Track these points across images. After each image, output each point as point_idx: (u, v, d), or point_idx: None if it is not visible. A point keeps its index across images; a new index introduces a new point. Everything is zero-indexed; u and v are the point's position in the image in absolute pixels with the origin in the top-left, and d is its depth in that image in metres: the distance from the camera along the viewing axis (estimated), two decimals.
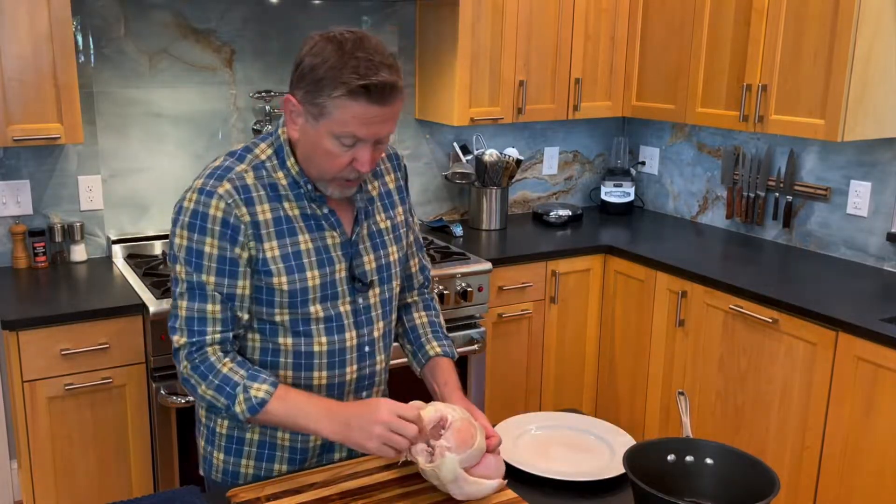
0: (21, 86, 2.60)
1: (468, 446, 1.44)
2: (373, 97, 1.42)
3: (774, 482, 1.35)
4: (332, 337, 1.60)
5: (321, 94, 1.42)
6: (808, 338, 2.64)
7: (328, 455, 1.68)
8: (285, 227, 1.54)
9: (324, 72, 1.42)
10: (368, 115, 1.43)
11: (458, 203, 3.82)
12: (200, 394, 1.52)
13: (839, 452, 2.58)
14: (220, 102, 3.19)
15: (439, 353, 1.76)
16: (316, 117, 1.45)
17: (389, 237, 1.68)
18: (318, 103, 1.43)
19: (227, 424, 1.64)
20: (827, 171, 3.22)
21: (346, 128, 1.44)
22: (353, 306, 1.62)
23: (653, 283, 3.21)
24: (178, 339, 1.53)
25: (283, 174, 1.55)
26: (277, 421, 1.51)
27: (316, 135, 1.47)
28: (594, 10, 3.53)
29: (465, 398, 1.65)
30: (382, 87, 1.42)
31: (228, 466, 1.65)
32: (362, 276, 1.62)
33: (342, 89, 1.41)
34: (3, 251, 2.97)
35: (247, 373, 1.51)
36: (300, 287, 1.54)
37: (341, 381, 1.63)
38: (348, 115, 1.42)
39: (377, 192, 1.68)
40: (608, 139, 4.11)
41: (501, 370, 3.30)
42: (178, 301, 1.53)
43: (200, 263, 1.50)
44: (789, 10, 2.90)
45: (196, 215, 1.49)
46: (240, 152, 1.58)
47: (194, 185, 1.53)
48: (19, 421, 2.53)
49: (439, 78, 3.41)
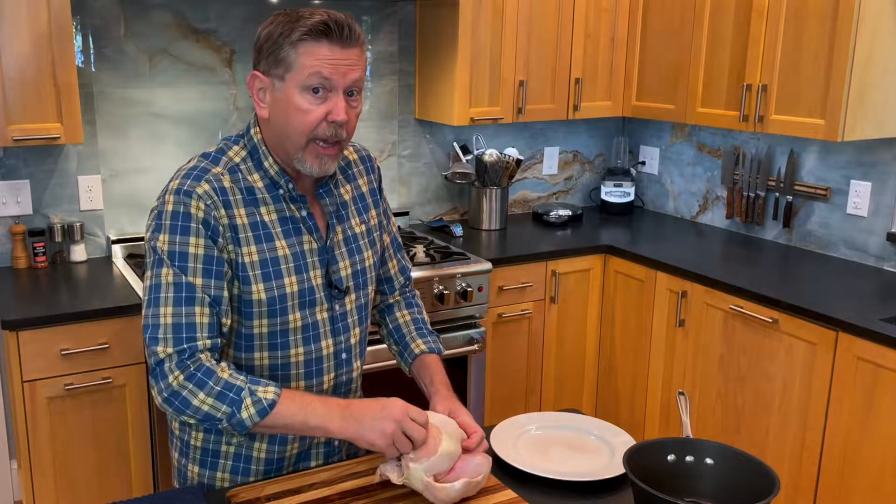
0: (21, 86, 2.60)
1: (431, 454, 1.43)
2: (333, 37, 1.42)
3: (774, 482, 1.35)
4: (309, 346, 1.58)
5: (282, 47, 1.43)
6: (808, 338, 2.64)
7: (304, 464, 1.65)
8: (262, 233, 1.51)
9: (280, 30, 1.44)
10: (333, 56, 1.43)
11: (458, 203, 3.82)
12: (196, 406, 1.42)
13: (839, 452, 2.58)
14: (220, 102, 3.20)
15: (424, 350, 1.74)
16: (282, 77, 1.44)
17: (364, 242, 1.66)
18: (282, 58, 1.44)
19: (201, 437, 1.60)
20: (827, 171, 3.22)
21: (312, 72, 1.43)
22: (331, 313, 1.59)
23: (653, 283, 3.21)
24: (164, 349, 1.42)
25: (260, 176, 1.53)
26: (284, 423, 1.45)
27: (285, 95, 1.45)
28: (594, 10, 3.53)
29: (450, 395, 1.63)
30: (341, 25, 1.43)
31: (203, 479, 1.62)
32: (338, 283, 1.60)
33: (300, 31, 1.42)
34: (3, 251, 2.97)
35: (247, 378, 1.46)
36: (278, 294, 1.51)
37: (319, 391, 1.61)
38: (312, 60, 1.42)
39: (350, 195, 1.66)
40: (608, 139, 4.11)
41: (501, 370, 3.30)
42: (160, 308, 1.43)
43: (186, 266, 1.44)
44: (789, 10, 2.90)
45: (177, 216, 1.45)
46: (213, 154, 1.54)
47: (170, 188, 1.48)
48: (19, 421, 2.53)
49: (439, 78, 3.41)
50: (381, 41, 3.47)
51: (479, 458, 1.51)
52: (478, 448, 1.52)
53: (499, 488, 1.54)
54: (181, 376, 1.42)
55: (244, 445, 1.60)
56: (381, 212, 1.74)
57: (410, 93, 3.58)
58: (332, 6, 3.30)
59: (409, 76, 3.56)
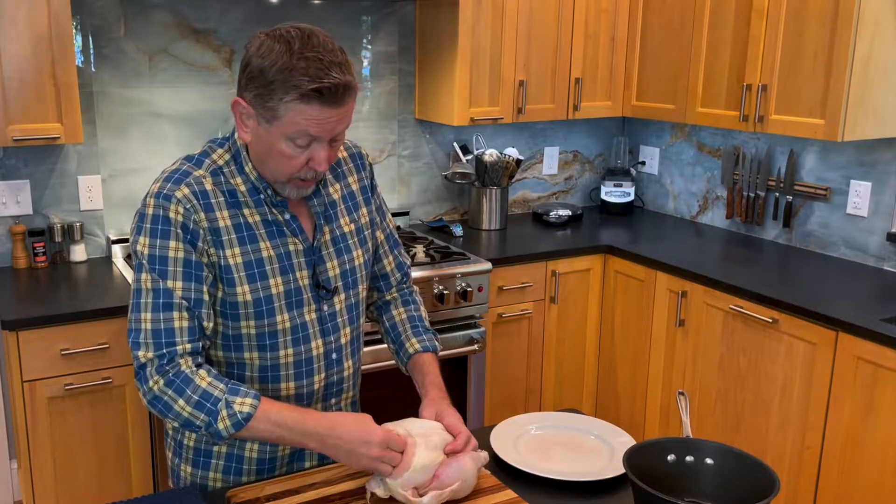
0: (21, 85, 2.60)
1: (405, 470, 1.44)
2: (326, 100, 1.38)
3: (774, 482, 1.35)
4: (299, 347, 1.58)
5: (272, 97, 1.39)
6: (808, 338, 2.64)
7: (298, 464, 1.66)
8: (245, 235, 1.50)
9: (273, 74, 1.37)
10: (322, 116, 1.40)
11: (458, 203, 3.82)
12: (177, 411, 1.43)
13: (839, 452, 2.58)
14: (220, 102, 3.20)
15: (418, 349, 1.73)
16: (269, 120, 1.42)
17: (354, 241, 1.65)
18: (270, 107, 1.40)
19: (194, 437, 1.61)
20: (827, 171, 3.22)
21: (299, 129, 1.40)
22: (319, 314, 1.59)
23: (653, 283, 3.21)
24: (145, 354, 1.43)
25: (242, 180, 1.52)
26: (261, 436, 1.46)
27: (269, 138, 1.43)
28: (594, 10, 3.53)
29: (438, 397, 1.62)
30: (335, 88, 1.38)
31: (196, 479, 1.62)
32: (326, 283, 1.59)
33: (294, 93, 1.37)
34: (3, 251, 2.97)
35: (226, 387, 1.45)
36: (264, 296, 1.51)
37: (310, 391, 1.61)
38: (301, 119, 1.39)
39: (339, 194, 1.65)
40: (608, 139, 4.11)
41: (501, 370, 3.30)
42: (141, 313, 1.45)
43: (165, 270, 1.45)
44: (789, 10, 2.90)
45: (157, 220, 1.45)
46: (197, 157, 1.54)
47: (151, 191, 1.48)
48: (19, 421, 2.53)
49: (439, 78, 3.40)
50: (381, 41, 3.47)
51: (463, 461, 1.49)
52: (465, 449, 1.51)
53: (499, 488, 1.53)
54: (161, 381, 1.44)
55: (236, 445, 1.60)
56: (373, 209, 1.72)
57: (410, 93, 3.58)
58: (332, 6, 3.31)
59: (408, 76, 3.56)
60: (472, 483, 1.50)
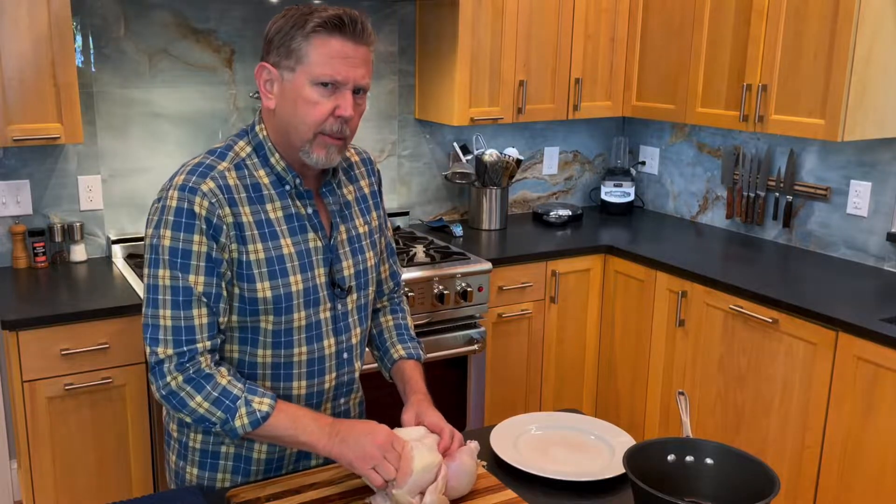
0: (21, 85, 2.60)
1: (408, 475, 1.43)
2: (346, 32, 1.43)
3: (774, 482, 1.35)
4: (312, 346, 1.58)
5: (294, 39, 1.44)
6: (808, 338, 2.64)
7: (304, 462, 1.66)
8: (267, 231, 1.50)
9: (293, 23, 1.45)
10: (344, 51, 1.44)
11: (458, 203, 3.82)
12: (193, 407, 1.45)
13: (839, 452, 2.58)
14: (220, 102, 3.20)
15: (403, 356, 1.74)
16: (292, 68, 1.45)
17: (366, 242, 1.66)
18: (293, 49, 1.44)
19: (200, 439, 1.60)
20: (827, 171, 3.22)
21: (324, 68, 1.44)
22: (333, 313, 1.59)
23: (653, 283, 3.21)
24: (164, 351, 1.44)
25: (266, 172, 1.53)
26: (275, 435, 1.48)
27: (294, 87, 1.46)
28: (594, 10, 3.53)
29: (419, 400, 1.62)
30: (354, 20, 1.44)
31: (203, 481, 1.61)
32: (341, 282, 1.60)
33: (314, 23, 1.43)
34: (3, 251, 2.97)
35: (245, 386, 1.47)
36: (284, 293, 1.51)
37: (320, 390, 1.62)
38: (324, 53, 1.43)
39: (353, 196, 1.66)
40: (608, 139, 4.11)
41: (501, 370, 3.30)
42: (160, 309, 1.44)
43: (188, 264, 1.44)
44: (789, 10, 2.90)
45: (181, 213, 1.44)
46: (220, 150, 1.54)
47: (175, 183, 1.47)
48: (19, 421, 2.53)
49: (439, 78, 3.40)
50: (381, 41, 3.47)
51: (460, 459, 1.49)
52: (454, 445, 1.52)
53: (499, 488, 1.54)
54: (180, 377, 1.45)
55: (244, 446, 1.60)
56: (380, 214, 1.74)
57: (410, 93, 3.58)
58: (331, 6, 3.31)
59: (409, 76, 3.56)
60: (474, 475, 1.51)
